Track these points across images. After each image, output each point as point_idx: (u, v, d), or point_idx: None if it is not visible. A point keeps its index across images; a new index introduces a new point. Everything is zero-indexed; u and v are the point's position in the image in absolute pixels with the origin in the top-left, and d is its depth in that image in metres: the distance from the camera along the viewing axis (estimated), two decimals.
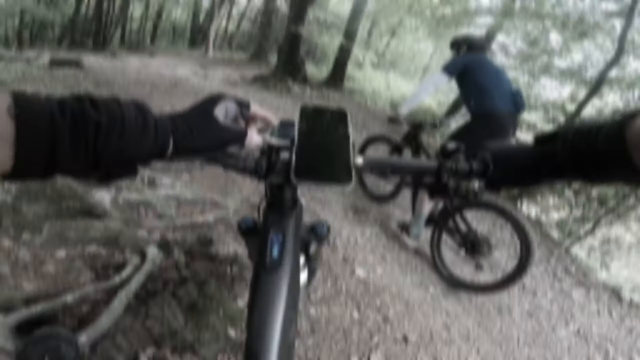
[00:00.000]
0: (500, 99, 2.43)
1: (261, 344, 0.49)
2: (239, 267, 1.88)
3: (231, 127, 0.50)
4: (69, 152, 0.33)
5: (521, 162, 0.55)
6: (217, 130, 0.47)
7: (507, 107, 2.44)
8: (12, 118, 0.29)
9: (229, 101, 0.51)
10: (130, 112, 0.38)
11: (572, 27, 6.10)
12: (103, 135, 0.34)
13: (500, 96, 2.43)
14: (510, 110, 2.47)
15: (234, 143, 0.50)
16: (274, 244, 0.59)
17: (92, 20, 14.18)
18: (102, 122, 0.34)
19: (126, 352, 1.27)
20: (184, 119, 0.45)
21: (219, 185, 2.87)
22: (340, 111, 0.65)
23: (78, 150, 0.33)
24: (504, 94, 2.44)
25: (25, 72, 5.68)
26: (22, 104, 0.30)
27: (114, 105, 0.37)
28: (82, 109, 0.33)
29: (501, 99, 2.43)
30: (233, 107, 0.52)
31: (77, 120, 0.33)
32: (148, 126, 0.39)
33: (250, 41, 17.52)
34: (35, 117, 0.30)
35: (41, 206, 1.84)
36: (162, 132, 0.41)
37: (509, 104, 2.45)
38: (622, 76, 5.80)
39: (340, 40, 8.82)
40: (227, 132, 0.49)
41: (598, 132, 0.43)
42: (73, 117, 0.33)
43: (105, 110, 0.35)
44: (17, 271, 1.46)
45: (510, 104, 2.46)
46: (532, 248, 2.12)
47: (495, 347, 2.06)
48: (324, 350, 1.62)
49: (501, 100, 2.43)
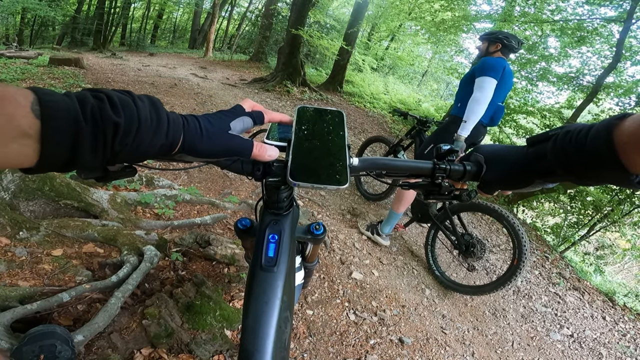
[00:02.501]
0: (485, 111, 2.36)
1: (256, 343, 0.49)
2: (236, 268, 1.88)
3: (240, 139, 0.50)
4: (89, 151, 0.34)
5: (513, 163, 0.55)
6: (226, 138, 0.48)
7: (486, 120, 2.43)
8: (37, 117, 0.30)
9: (246, 116, 0.53)
10: (145, 110, 0.38)
11: (570, 32, 6.14)
12: (121, 136, 0.35)
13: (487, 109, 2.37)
14: (486, 123, 2.45)
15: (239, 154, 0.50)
16: (269, 244, 0.59)
17: (94, 20, 14.16)
18: (121, 123, 0.35)
19: (122, 352, 1.27)
20: (198, 121, 0.46)
21: (216, 186, 2.88)
22: (337, 112, 0.66)
23: (97, 150, 0.34)
24: (491, 107, 2.38)
25: (25, 70, 5.67)
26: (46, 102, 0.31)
27: (129, 103, 0.37)
28: (101, 109, 0.34)
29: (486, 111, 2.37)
30: (249, 122, 0.54)
31: (98, 121, 0.34)
32: (161, 123, 0.40)
33: (250, 43, 17.54)
34: (59, 116, 0.31)
35: (39, 204, 1.84)
36: (174, 129, 0.42)
37: (488, 117, 2.43)
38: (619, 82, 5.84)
39: (340, 43, 8.84)
40: (235, 142, 0.49)
41: (587, 134, 0.43)
42: (94, 118, 0.34)
43: (122, 110, 0.36)
44: (13, 269, 1.45)
45: (487, 118, 2.43)
46: (525, 252, 2.13)
47: (490, 350, 2.06)
48: (320, 352, 1.62)
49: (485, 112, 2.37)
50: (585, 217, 5.16)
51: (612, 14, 5.56)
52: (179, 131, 0.43)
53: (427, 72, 16.99)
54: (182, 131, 0.43)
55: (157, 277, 1.67)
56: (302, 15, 8.12)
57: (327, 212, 3.03)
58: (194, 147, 0.45)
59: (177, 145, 0.43)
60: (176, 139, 0.42)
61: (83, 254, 1.67)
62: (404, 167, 0.63)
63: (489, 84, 2.28)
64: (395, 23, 11.95)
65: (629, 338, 2.64)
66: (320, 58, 14.45)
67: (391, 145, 3.23)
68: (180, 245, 1.89)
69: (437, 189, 0.61)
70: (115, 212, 2.00)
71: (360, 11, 9.16)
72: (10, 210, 1.69)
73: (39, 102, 0.31)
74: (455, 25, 7.79)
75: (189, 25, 21.97)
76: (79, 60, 7.02)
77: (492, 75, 2.28)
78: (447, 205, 2.49)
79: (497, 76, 2.29)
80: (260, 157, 0.52)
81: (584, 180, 0.47)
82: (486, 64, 2.33)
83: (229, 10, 19.90)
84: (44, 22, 16.04)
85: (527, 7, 6.70)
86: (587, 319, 2.75)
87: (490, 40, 2.49)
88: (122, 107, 0.36)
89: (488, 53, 2.49)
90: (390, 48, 15.16)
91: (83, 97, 0.34)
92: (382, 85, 12.37)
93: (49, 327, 1.09)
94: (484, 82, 2.28)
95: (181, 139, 0.43)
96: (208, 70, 9.96)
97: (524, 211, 5.89)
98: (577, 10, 6.22)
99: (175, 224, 2.10)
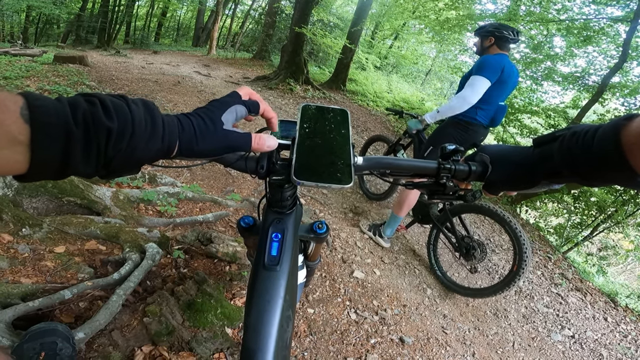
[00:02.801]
0: (485, 111, 2.34)
1: (258, 341, 0.49)
2: (237, 266, 1.88)
3: (236, 134, 0.49)
4: (81, 157, 0.33)
5: (519, 164, 0.54)
6: (222, 136, 0.47)
7: (486, 121, 2.37)
8: (27, 122, 0.30)
9: (238, 104, 0.51)
10: (139, 114, 0.38)
11: (576, 32, 6.09)
12: (114, 141, 0.35)
13: (487, 109, 2.34)
14: (487, 124, 2.39)
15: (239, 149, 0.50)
16: (273, 242, 0.59)
17: (98, 17, 14.21)
18: (113, 128, 0.34)
19: (122, 349, 1.27)
20: (191, 121, 0.45)
21: (219, 184, 2.88)
22: (341, 110, 0.65)
23: (90, 156, 0.34)
24: (491, 107, 2.34)
25: (29, 68, 5.70)
26: (35, 108, 0.30)
27: (123, 108, 0.37)
28: (93, 113, 0.34)
29: (485, 112, 2.34)
30: (242, 110, 0.52)
31: (89, 126, 0.33)
32: (156, 128, 0.39)
33: (253, 41, 17.54)
34: (49, 122, 0.31)
35: (42, 201, 1.85)
36: (170, 133, 0.41)
37: (488, 118, 2.36)
38: (625, 82, 5.79)
39: (343, 41, 8.82)
40: (231, 138, 0.48)
41: (594, 135, 0.43)
42: (85, 123, 0.33)
43: (116, 114, 0.35)
44: (15, 266, 1.46)
45: (487, 119, 2.36)
46: (526, 259, 2.11)
47: (490, 350, 2.05)
48: (320, 350, 1.62)
49: (484, 112, 2.34)
50: (589, 217, 5.13)
51: (619, 14, 5.51)
52: (175, 135, 0.42)
53: (431, 71, 16.92)
54: (178, 134, 0.42)
55: (158, 275, 1.67)
56: (305, 13, 8.11)
57: (329, 211, 3.03)
58: (191, 149, 0.44)
59: (174, 149, 0.43)
60: (172, 142, 0.42)
61: (85, 251, 1.67)
62: (409, 166, 0.62)
63: (481, 84, 2.20)
64: (399, 21, 11.91)
65: (630, 339, 2.62)
66: (324, 56, 14.44)
67: (391, 144, 3.22)
68: (182, 242, 1.90)
69: (442, 188, 0.61)
70: (117, 209, 2.01)
71: (364, 9, 9.13)
72: (13, 207, 1.69)
73: (28, 107, 0.30)
74: (460, 24, 7.74)
75: (192, 23, 22.03)
76: (83, 58, 7.05)
77: (486, 76, 2.20)
78: (447, 207, 2.47)
79: (492, 77, 2.21)
80: (260, 148, 0.51)
81: (590, 181, 0.46)
82: (483, 63, 2.25)
83: (233, 8, 19.92)
84: (48, 20, 16.12)
85: (533, 7, 6.66)
86: (589, 319, 2.74)
87: (481, 35, 2.41)
88: (116, 111, 0.35)
89: (484, 49, 2.41)
90: (393, 47, 15.12)
91: (75, 102, 0.33)
92: (386, 83, 12.33)
93: (50, 325, 1.09)
94: (476, 81, 2.21)
95: (177, 143, 0.42)
96: (211, 68, 9.97)
97: (527, 211, 5.87)
98: (583, 9, 6.17)
99: (178, 222, 2.10)
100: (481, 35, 2.41)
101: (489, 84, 2.21)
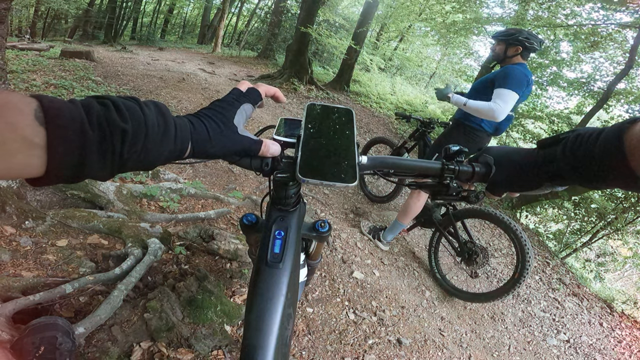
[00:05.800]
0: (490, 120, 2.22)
1: (259, 337, 0.49)
2: (238, 263, 1.89)
3: (250, 139, 0.51)
4: (97, 159, 0.33)
5: (523, 165, 0.55)
6: (235, 140, 0.49)
7: (491, 129, 2.30)
8: (42, 124, 0.29)
9: (245, 103, 0.53)
10: (152, 117, 0.38)
11: (584, 37, 6.06)
12: (129, 143, 0.35)
13: None
14: (491, 132, 2.33)
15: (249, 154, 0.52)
16: (276, 240, 0.60)
17: (106, 13, 14.26)
18: (128, 130, 0.34)
19: (121, 345, 1.27)
20: (203, 123, 0.45)
21: (221, 181, 2.89)
22: (346, 110, 0.66)
23: (105, 158, 0.34)
24: None
25: (36, 62, 5.73)
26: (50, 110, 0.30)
27: (136, 110, 0.36)
28: (107, 115, 0.33)
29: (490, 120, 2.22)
30: (249, 109, 0.54)
31: (104, 128, 0.33)
32: (169, 130, 0.39)
33: (258, 40, 17.56)
34: (65, 125, 0.30)
35: (46, 194, 1.86)
36: (182, 135, 0.41)
37: (493, 126, 2.29)
38: (630, 89, 5.76)
39: (348, 42, 8.82)
40: (243, 142, 0.50)
41: (598, 138, 0.43)
42: (100, 126, 0.33)
43: (129, 116, 0.35)
44: (17, 259, 1.47)
45: (493, 127, 2.29)
46: (528, 268, 2.10)
47: (486, 354, 2.06)
48: (318, 350, 1.62)
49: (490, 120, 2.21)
50: (589, 224, 5.11)
51: (628, 20, 5.48)
52: (187, 136, 0.42)
53: (435, 74, 16.88)
54: (190, 136, 0.43)
55: (160, 271, 1.68)
56: (311, 13, 8.11)
57: (331, 211, 3.03)
58: (204, 151, 0.45)
59: (187, 150, 0.43)
60: (185, 144, 0.42)
61: (87, 245, 1.68)
62: (413, 166, 0.62)
63: (513, 99, 2.04)
64: (404, 24, 11.87)
65: (624, 344, 2.63)
66: (328, 57, 14.42)
67: (395, 147, 3.21)
68: (184, 238, 1.91)
69: (445, 189, 0.61)
70: (120, 203, 2.02)
71: (370, 11, 9.12)
72: (17, 199, 1.71)
73: (42, 109, 0.29)
74: (466, 27, 7.73)
75: (198, 21, 22.07)
76: (89, 53, 7.08)
77: (515, 90, 2.04)
78: (450, 211, 2.47)
79: (519, 91, 2.06)
80: (266, 154, 0.54)
81: (593, 184, 0.46)
82: (512, 76, 2.06)
83: (239, 7, 19.96)
84: (57, 15, 16.16)
85: (541, 11, 6.62)
86: (585, 324, 2.74)
87: (508, 42, 2.20)
88: (129, 113, 0.35)
89: (506, 57, 2.23)
90: (398, 49, 15.08)
91: (88, 104, 0.33)
92: (389, 85, 12.31)
93: (50, 319, 1.09)
94: (509, 97, 2.03)
95: (190, 145, 0.43)
96: (216, 65, 10.00)
97: (527, 216, 5.85)
98: (592, 15, 6.13)
99: (180, 218, 2.11)
100: (508, 42, 2.21)
101: (517, 98, 2.07)
